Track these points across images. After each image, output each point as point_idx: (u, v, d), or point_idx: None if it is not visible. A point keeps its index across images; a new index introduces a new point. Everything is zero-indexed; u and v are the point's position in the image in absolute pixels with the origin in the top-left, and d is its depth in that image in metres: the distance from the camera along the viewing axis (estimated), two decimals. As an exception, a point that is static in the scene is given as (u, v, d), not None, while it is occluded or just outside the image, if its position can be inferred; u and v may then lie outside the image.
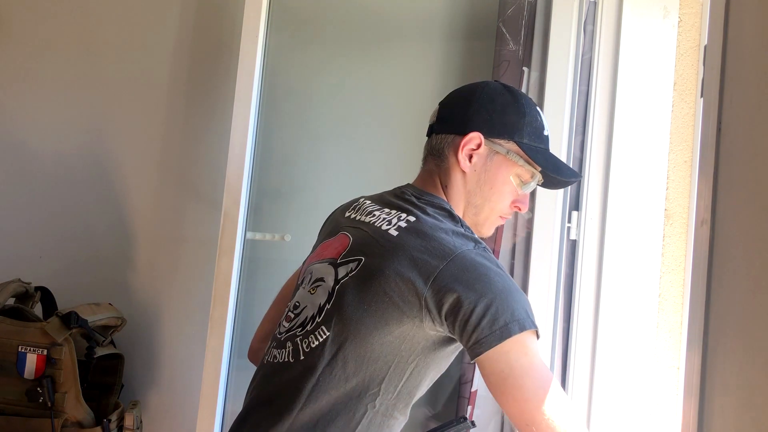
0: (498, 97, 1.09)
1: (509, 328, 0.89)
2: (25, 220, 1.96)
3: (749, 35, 0.75)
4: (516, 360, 0.89)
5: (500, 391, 0.90)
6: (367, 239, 1.02)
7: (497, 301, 0.91)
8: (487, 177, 1.08)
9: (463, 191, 1.09)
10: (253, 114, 1.71)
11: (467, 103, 1.10)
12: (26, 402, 1.52)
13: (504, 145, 1.07)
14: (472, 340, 0.90)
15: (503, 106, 1.08)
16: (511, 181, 1.09)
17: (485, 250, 0.99)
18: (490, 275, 0.93)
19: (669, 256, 1.48)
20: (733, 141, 0.77)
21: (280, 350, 1.04)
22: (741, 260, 0.71)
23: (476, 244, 0.99)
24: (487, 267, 0.95)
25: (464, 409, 1.52)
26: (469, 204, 1.10)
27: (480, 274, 0.93)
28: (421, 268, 0.94)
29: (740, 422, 0.67)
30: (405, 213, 1.04)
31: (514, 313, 0.90)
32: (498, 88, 1.11)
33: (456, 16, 1.76)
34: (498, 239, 1.54)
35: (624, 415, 1.45)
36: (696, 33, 1.51)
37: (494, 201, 1.10)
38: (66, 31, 2.00)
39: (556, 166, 1.11)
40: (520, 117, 1.08)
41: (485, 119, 1.08)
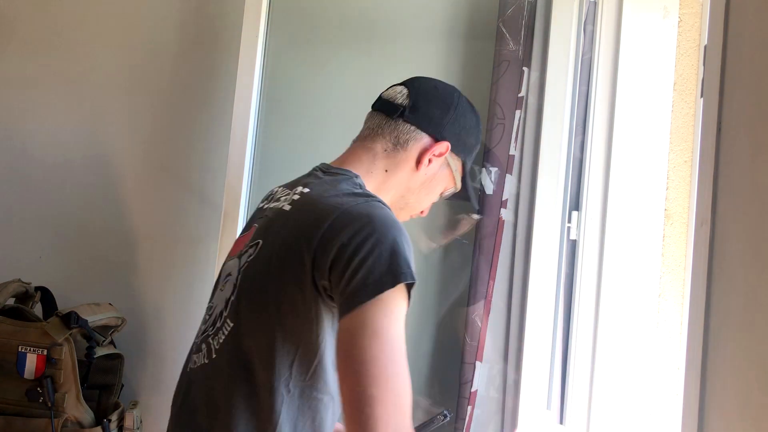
0: (469, 115, 1.15)
1: (382, 282, 0.85)
2: (25, 220, 1.96)
3: (749, 35, 0.75)
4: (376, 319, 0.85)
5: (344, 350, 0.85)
6: (267, 222, 1.01)
7: (375, 252, 0.87)
8: (431, 183, 1.13)
9: (403, 185, 1.11)
10: (253, 114, 1.71)
11: (446, 109, 1.12)
12: (26, 402, 1.52)
13: (456, 162, 1.14)
14: (344, 296, 0.86)
15: (470, 127, 1.15)
16: (438, 193, 1.17)
17: (379, 202, 0.96)
18: (372, 224, 0.89)
19: (669, 256, 1.48)
20: (733, 141, 0.77)
21: (198, 354, 1.02)
22: (741, 260, 0.71)
23: (368, 198, 0.96)
24: (371, 216, 0.91)
25: (464, 409, 1.52)
26: (402, 198, 1.12)
27: (361, 224, 0.89)
28: (307, 235, 0.90)
29: (740, 422, 0.67)
30: (302, 186, 1.02)
31: (390, 266, 0.86)
32: (468, 105, 1.16)
33: (456, 16, 1.76)
34: (498, 239, 1.54)
35: (624, 415, 1.45)
36: (696, 33, 1.51)
37: (421, 203, 1.16)
38: (66, 32, 2.00)
39: (474, 194, 1.23)
40: (477, 142, 1.17)
41: (456, 133, 1.12)
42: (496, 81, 1.59)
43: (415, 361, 1.70)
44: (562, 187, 1.51)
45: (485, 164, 1.58)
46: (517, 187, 1.55)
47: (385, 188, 1.09)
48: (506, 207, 1.55)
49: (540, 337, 1.48)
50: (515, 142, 1.56)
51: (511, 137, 1.56)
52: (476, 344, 1.53)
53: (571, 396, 1.47)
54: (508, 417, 1.51)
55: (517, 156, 1.56)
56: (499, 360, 1.53)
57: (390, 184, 1.10)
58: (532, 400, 1.47)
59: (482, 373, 1.53)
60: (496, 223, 1.55)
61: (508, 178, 1.55)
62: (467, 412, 1.52)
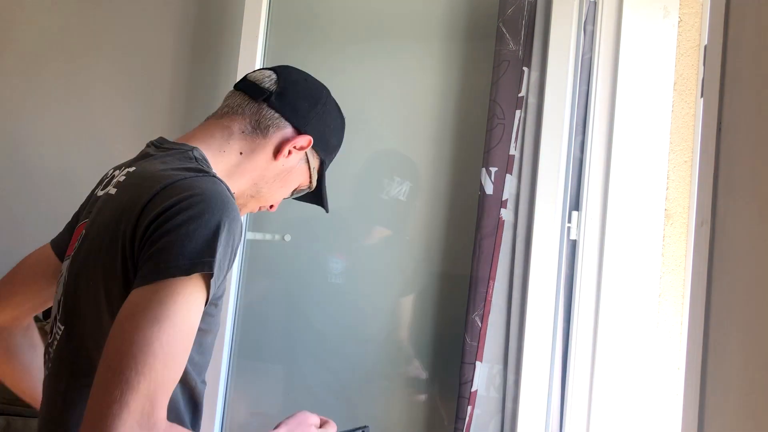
0: (335, 114, 1.13)
1: (179, 265, 0.79)
2: (25, 220, 1.96)
3: (749, 35, 0.75)
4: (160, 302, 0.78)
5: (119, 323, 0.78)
6: (95, 210, 0.95)
7: (190, 228, 0.80)
8: (287, 176, 1.08)
9: (258, 172, 1.04)
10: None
11: (314, 103, 1.08)
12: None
13: (315, 160, 1.11)
14: (142, 267, 0.80)
15: (335, 128, 1.12)
16: (292, 188, 1.12)
17: (214, 177, 0.91)
18: (201, 196, 0.83)
19: (669, 256, 1.48)
20: (733, 141, 0.77)
21: (47, 365, 0.95)
22: (741, 260, 0.71)
23: (198, 173, 0.90)
24: (201, 189, 0.85)
25: (464, 409, 1.52)
26: (254, 185, 1.05)
27: (187, 196, 0.83)
28: (127, 215, 0.85)
29: (740, 422, 0.67)
30: (129, 166, 0.97)
31: (197, 249, 0.80)
32: (335, 105, 1.14)
33: (456, 16, 1.76)
34: (498, 239, 1.54)
35: (624, 415, 1.45)
36: (696, 33, 1.51)
37: (272, 196, 1.10)
38: (66, 33, 2.00)
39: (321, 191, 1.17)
40: (338, 144, 1.14)
41: (320, 130, 1.08)
42: (496, 81, 1.59)
43: (415, 360, 1.70)
44: (562, 187, 1.51)
45: (485, 164, 1.58)
46: (517, 187, 1.55)
47: (239, 172, 1.03)
48: (506, 207, 1.55)
49: (540, 337, 1.48)
50: (515, 142, 1.56)
51: (511, 137, 1.56)
52: (476, 344, 1.53)
53: (571, 396, 1.47)
54: (508, 417, 1.51)
55: (517, 156, 1.56)
56: (499, 360, 1.53)
57: (244, 168, 1.03)
58: (532, 400, 1.47)
59: (482, 373, 1.53)
60: (496, 223, 1.55)
61: (508, 178, 1.55)
62: (467, 412, 1.52)
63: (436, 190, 1.73)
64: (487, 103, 1.61)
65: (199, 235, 0.81)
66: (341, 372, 1.21)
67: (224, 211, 0.84)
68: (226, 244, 0.83)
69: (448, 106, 1.73)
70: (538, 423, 1.46)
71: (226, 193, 0.88)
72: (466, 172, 1.69)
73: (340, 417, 1.72)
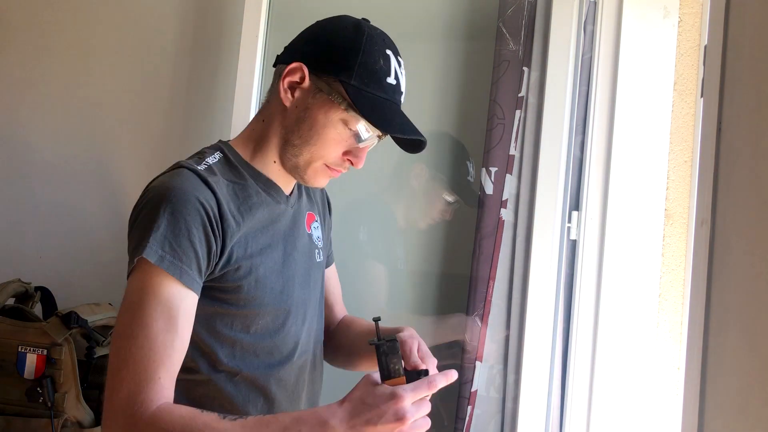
0: (339, 30, 0.99)
1: (133, 253, 0.89)
2: (25, 220, 1.96)
3: (749, 35, 0.75)
4: (128, 290, 0.89)
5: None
6: None
7: (137, 221, 0.91)
8: (308, 116, 0.97)
9: (280, 127, 1.01)
10: (253, 114, 1.70)
11: (306, 32, 1.03)
12: (26, 402, 1.52)
13: (329, 84, 0.96)
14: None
15: (337, 40, 0.97)
16: (337, 127, 0.98)
17: (182, 168, 0.95)
18: (146, 194, 0.93)
19: (669, 256, 1.48)
20: (733, 141, 0.77)
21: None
22: (741, 260, 0.71)
23: (174, 169, 0.96)
24: (150, 186, 0.94)
25: (464, 409, 1.52)
26: (287, 143, 1.01)
27: (141, 197, 0.94)
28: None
29: (740, 422, 0.67)
30: None
31: (143, 237, 0.88)
32: (345, 21, 1.01)
33: (456, 16, 1.76)
34: (498, 239, 1.54)
35: (624, 415, 1.45)
36: (696, 33, 1.51)
37: (315, 145, 0.99)
38: (66, 32, 2.00)
39: (383, 118, 0.96)
40: (353, 55, 0.96)
41: (312, 50, 0.98)
42: (496, 81, 1.59)
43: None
44: (562, 187, 1.51)
45: (485, 164, 1.58)
46: (517, 187, 1.55)
47: (266, 139, 1.02)
48: (506, 207, 1.55)
49: (540, 337, 1.48)
50: (515, 142, 1.56)
51: (511, 137, 1.56)
52: (476, 344, 1.54)
53: (571, 396, 1.47)
54: (508, 417, 1.51)
55: (517, 156, 1.56)
56: (499, 360, 1.53)
57: (269, 132, 1.02)
58: (532, 400, 1.47)
59: (482, 373, 1.53)
60: (496, 223, 1.55)
61: (508, 178, 1.55)
62: (467, 412, 1.52)
63: (436, 190, 1.73)
64: (487, 103, 1.60)
65: (137, 226, 0.91)
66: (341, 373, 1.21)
67: (161, 200, 0.90)
68: (172, 222, 0.88)
69: (448, 106, 1.72)
70: (538, 423, 1.46)
71: (169, 182, 0.92)
72: (466, 172, 1.69)
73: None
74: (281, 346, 1.04)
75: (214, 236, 0.92)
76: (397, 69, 1.01)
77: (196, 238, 0.89)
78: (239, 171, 1.01)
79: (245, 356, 0.99)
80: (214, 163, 0.99)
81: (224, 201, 0.94)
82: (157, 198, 0.90)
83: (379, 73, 0.97)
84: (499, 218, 1.55)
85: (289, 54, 1.01)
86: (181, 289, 0.88)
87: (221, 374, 0.98)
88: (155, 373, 0.84)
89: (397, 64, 1.01)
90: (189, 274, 0.89)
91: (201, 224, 0.90)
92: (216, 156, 1.01)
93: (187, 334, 0.90)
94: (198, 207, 0.90)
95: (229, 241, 0.94)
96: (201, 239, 0.90)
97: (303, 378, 1.10)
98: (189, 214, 0.89)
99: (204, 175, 0.94)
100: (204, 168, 0.97)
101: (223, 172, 0.99)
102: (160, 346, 0.85)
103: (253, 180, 1.02)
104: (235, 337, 0.98)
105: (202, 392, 0.98)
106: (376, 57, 0.97)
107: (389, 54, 0.99)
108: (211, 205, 0.92)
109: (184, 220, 0.89)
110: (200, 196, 0.91)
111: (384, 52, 0.99)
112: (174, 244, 0.88)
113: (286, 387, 1.05)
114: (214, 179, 0.95)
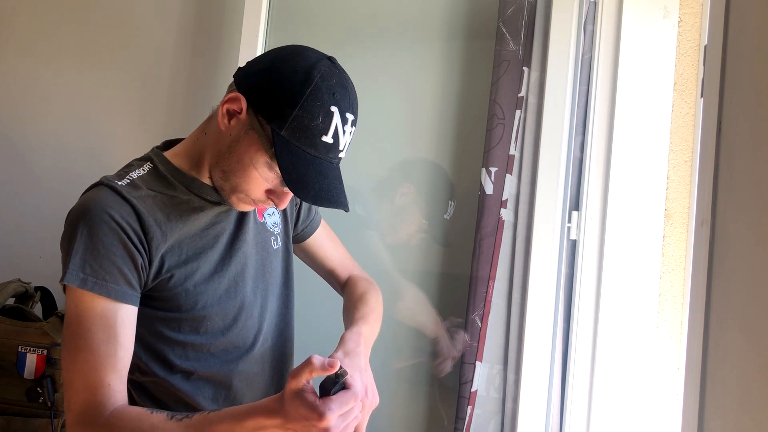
0: (289, 74, 0.91)
1: (61, 278, 0.94)
2: (25, 220, 1.96)
3: (749, 35, 0.75)
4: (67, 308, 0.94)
5: None
6: None
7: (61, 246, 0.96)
8: (237, 149, 0.95)
9: (214, 148, 0.99)
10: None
11: (266, 58, 0.97)
12: (26, 402, 1.52)
13: (262, 126, 0.92)
14: None
15: (282, 84, 0.91)
16: (261, 168, 0.95)
17: (98, 186, 0.98)
18: (67, 218, 0.96)
19: (669, 256, 1.48)
20: (733, 141, 0.77)
21: None
22: (741, 260, 0.71)
23: (94, 187, 0.99)
24: (71, 210, 0.97)
25: (464, 409, 1.52)
26: (217, 165, 0.99)
27: (66, 220, 0.97)
28: None
29: (740, 422, 0.67)
30: None
31: (65, 263, 0.94)
32: (301, 63, 0.92)
33: (456, 16, 1.76)
34: (498, 239, 1.54)
35: (624, 415, 1.45)
36: (696, 33, 1.51)
37: (239, 178, 0.96)
38: (66, 32, 2.00)
39: (300, 180, 0.91)
40: (290, 105, 0.90)
41: (258, 85, 0.93)
42: (496, 81, 1.59)
43: (414, 361, 1.70)
44: (562, 187, 1.51)
45: (485, 164, 1.58)
46: (517, 187, 1.55)
47: (203, 153, 1.01)
48: (506, 207, 1.55)
49: (540, 337, 1.48)
50: (515, 142, 1.56)
51: (511, 137, 1.56)
52: (476, 344, 1.53)
53: (571, 396, 1.47)
54: (508, 417, 1.51)
55: (517, 156, 1.56)
56: (499, 360, 1.53)
57: (206, 147, 1.00)
58: (532, 400, 1.47)
59: (482, 373, 1.53)
60: (496, 223, 1.55)
61: (508, 178, 1.55)
62: (467, 412, 1.52)
63: (436, 190, 1.73)
64: (487, 103, 1.61)
65: (62, 248, 0.97)
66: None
67: (78, 222, 0.94)
68: (90, 244, 0.92)
69: (448, 106, 1.73)
70: (538, 423, 1.46)
71: (86, 203, 0.95)
72: (467, 172, 1.69)
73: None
74: (238, 341, 1.05)
75: (137, 250, 0.94)
76: (339, 127, 0.93)
77: (116, 255, 0.92)
78: (168, 180, 1.01)
79: (199, 356, 1.02)
80: (139, 176, 1.01)
81: (146, 214, 0.96)
82: (75, 220, 0.94)
83: (313, 131, 0.91)
84: (499, 218, 1.55)
85: (242, 76, 0.97)
86: (113, 304, 0.92)
87: (176, 375, 1.01)
88: (104, 380, 0.90)
89: (341, 122, 0.93)
90: (116, 290, 0.92)
91: (119, 241, 0.93)
92: (144, 168, 1.02)
93: (128, 341, 0.94)
94: (113, 226, 0.93)
95: (156, 252, 0.96)
96: (123, 255, 0.93)
97: (268, 365, 1.12)
98: (105, 235, 0.92)
99: (123, 191, 0.96)
100: (126, 183, 0.98)
101: (150, 183, 1.00)
102: (104, 356, 0.90)
103: (186, 186, 1.01)
104: (185, 340, 1.01)
105: (163, 392, 1.02)
106: (315, 113, 0.91)
107: (333, 111, 0.92)
108: (129, 221, 0.94)
109: (100, 240, 0.92)
110: (116, 214, 0.93)
111: (327, 109, 0.92)
112: (95, 265, 0.92)
113: (249, 378, 1.07)
114: (135, 194, 0.97)
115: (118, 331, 0.92)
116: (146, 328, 0.99)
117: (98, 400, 0.89)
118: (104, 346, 0.90)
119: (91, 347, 0.90)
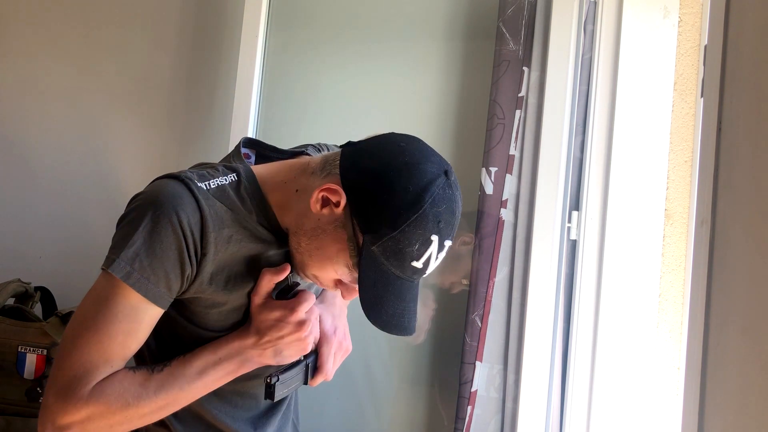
0: (399, 191, 0.86)
1: (107, 259, 0.89)
2: (25, 220, 1.96)
3: (749, 35, 0.75)
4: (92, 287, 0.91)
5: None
6: None
7: (118, 230, 0.91)
8: (322, 238, 0.91)
9: (299, 216, 0.93)
10: (253, 115, 1.71)
11: (379, 158, 0.90)
12: (26, 402, 1.52)
13: (355, 232, 0.88)
14: None
15: (387, 199, 0.86)
16: (339, 267, 0.92)
17: (173, 178, 0.91)
18: (137, 197, 0.91)
19: (669, 256, 1.48)
20: (733, 141, 0.77)
21: None
22: (741, 260, 0.71)
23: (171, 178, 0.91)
24: (145, 190, 0.92)
25: (464, 409, 1.52)
26: (296, 234, 0.94)
27: (132, 204, 0.92)
28: None
29: (740, 422, 0.67)
30: None
31: (116, 249, 0.89)
32: (415, 180, 0.86)
33: (456, 16, 1.76)
34: (498, 239, 1.54)
35: (624, 415, 1.45)
36: (696, 33, 1.51)
37: (314, 263, 0.93)
38: (66, 32, 2.00)
39: (374, 302, 0.88)
40: (389, 227, 0.86)
41: (362, 188, 0.88)
42: (496, 81, 1.59)
43: (414, 361, 1.70)
44: (562, 187, 1.51)
45: (485, 164, 1.58)
46: (517, 187, 1.55)
47: (289, 207, 0.95)
48: (506, 207, 1.55)
49: (540, 337, 1.48)
50: (515, 142, 1.56)
51: (511, 137, 1.56)
52: (476, 344, 1.53)
53: (571, 396, 1.47)
54: (508, 417, 1.51)
55: (517, 156, 1.56)
56: (499, 360, 1.53)
57: (293, 206, 0.94)
58: (532, 400, 1.47)
59: (482, 373, 1.53)
60: (496, 223, 1.55)
61: (508, 178, 1.56)
62: (467, 412, 1.52)
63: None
64: (487, 103, 1.61)
65: (119, 232, 0.90)
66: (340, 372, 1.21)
67: (146, 210, 0.88)
68: (148, 241, 0.87)
69: (448, 106, 1.73)
70: (538, 423, 1.46)
71: (159, 194, 0.89)
72: (466, 172, 1.69)
73: (340, 417, 1.72)
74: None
75: (189, 262, 0.89)
76: (433, 255, 0.89)
77: (169, 259, 0.88)
78: (246, 201, 0.94)
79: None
80: (220, 185, 0.93)
81: (212, 228, 0.90)
82: (143, 208, 0.88)
83: (406, 256, 0.87)
84: (499, 218, 1.55)
85: (350, 165, 0.90)
86: (146, 303, 0.90)
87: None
88: (108, 362, 0.89)
89: (437, 249, 0.89)
90: (155, 292, 0.89)
91: (177, 247, 0.87)
92: (228, 178, 0.94)
93: (144, 338, 0.92)
94: (177, 230, 0.87)
95: (204, 269, 0.91)
96: (175, 261, 0.88)
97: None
98: (167, 236, 0.87)
99: (199, 197, 0.90)
100: (205, 188, 0.91)
101: (228, 197, 0.93)
102: (118, 346, 0.89)
103: (257, 214, 0.95)
104: (192, 341, 0.99)
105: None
106: (413, 240, 0.86)
107: (432, 240, 0.87)
108: (193, 231, 0.88)
109: (160, 241, 0.87)
110: (184, 219, 0.88)
111: (427, 237, 0.87)
112: (145, 263, 0.87)
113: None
114: (210, 203, 0.91)
115: (141, 327, 0.90)
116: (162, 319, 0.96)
117: (93, 376, 0.87)
118: (122, 336, 0.89)
119: (109, 332, 0.88)
